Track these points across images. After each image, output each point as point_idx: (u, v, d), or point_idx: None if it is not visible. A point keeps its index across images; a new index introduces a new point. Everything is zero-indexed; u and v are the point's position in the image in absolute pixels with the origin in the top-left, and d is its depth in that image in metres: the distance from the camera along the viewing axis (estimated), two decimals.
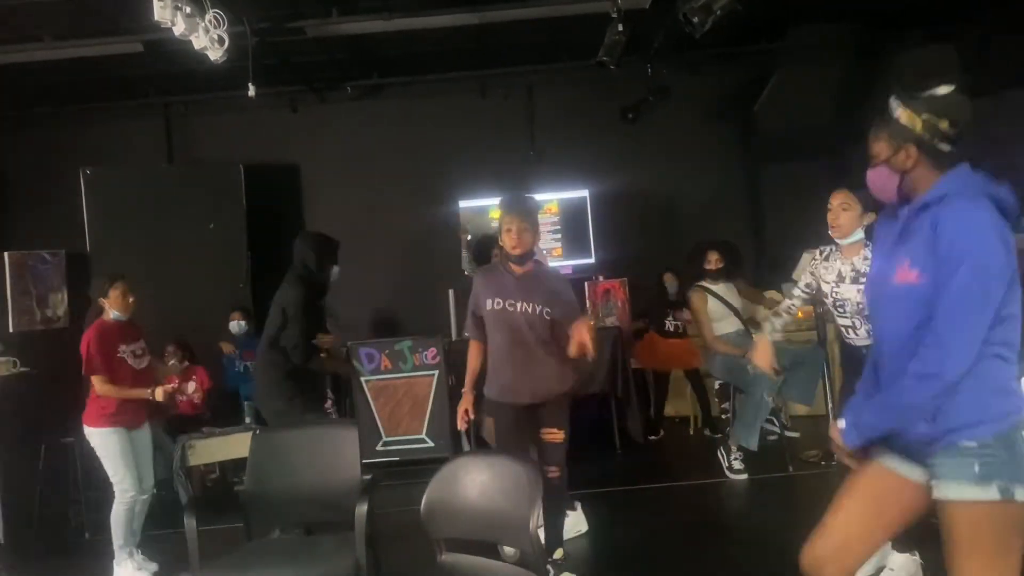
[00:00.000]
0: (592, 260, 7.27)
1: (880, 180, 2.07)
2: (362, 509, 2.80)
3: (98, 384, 4.22)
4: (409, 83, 7.49)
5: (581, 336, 3.20)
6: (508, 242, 3.47)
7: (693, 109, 7.44)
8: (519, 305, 3.47)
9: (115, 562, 4.28)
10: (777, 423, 5.80)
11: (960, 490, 1.90)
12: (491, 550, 2.65)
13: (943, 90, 1.95)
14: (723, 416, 6.24)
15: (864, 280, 3.33)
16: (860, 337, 3.46)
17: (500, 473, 2.57)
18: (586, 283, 7.08)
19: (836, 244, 3.58)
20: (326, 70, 7.11)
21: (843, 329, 3.54)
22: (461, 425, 3.59)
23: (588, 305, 6.87)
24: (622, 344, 6.20)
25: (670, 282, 6.66)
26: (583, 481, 5.20)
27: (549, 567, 3.47)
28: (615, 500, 5.12)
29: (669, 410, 7.03)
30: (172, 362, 6.04)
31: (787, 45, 6.82)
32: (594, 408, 6.27)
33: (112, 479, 4.26)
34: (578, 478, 5.10)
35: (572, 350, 3.25)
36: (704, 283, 5.52)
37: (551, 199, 7.34)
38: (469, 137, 7.44)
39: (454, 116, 7.56)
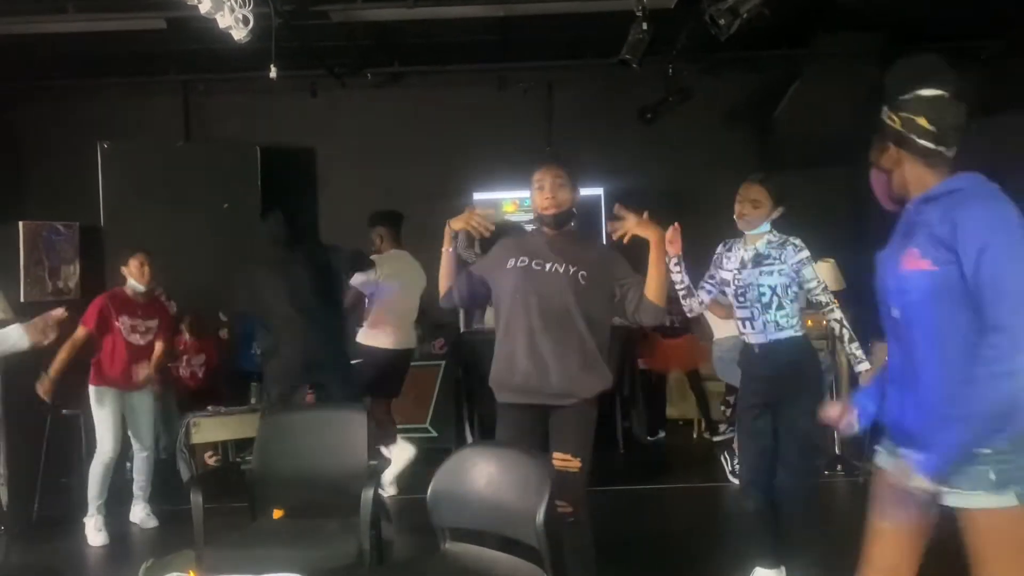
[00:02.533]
0: None
1: (874, 184, 2.11)
2: (368, 494, 2.81)
3: (78, 331, 4.47)
4: (429, 72, 7.48)
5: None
6: (540, 201, 2.95)
7: (712, 112, 7.41)
8: (548, 265, 2.89)
9: (87, 516, 4.60)
10: None
11: (977, 499, 1.88)
12: (496, 541, 2.65)
13: (927, 92, 1.96)
14: (722, 421, 6.26)
15: (768, 263, 3.29)
16: (755, 331, 3.33)
17: (508, 465, 2.57)
18: None
19: (741, 237, 3.47)
20: (347, 56, 7.10)
21: (739, 323, 3.40)
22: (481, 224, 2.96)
23: None
24: (631, 344, 6.20)
25: None
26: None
27: None
28: (616, 499, 5.13)
29: (673, 412, 7.04)
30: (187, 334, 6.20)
31: (810, 52, 6.79)
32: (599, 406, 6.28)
33: (97, 435, 4.58)
34: None
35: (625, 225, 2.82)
36: None
37: None
38: (486, 130, 7.42)
39: (472, 108, 7.54)
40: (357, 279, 5.07)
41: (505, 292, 2.93)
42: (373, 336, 5.13)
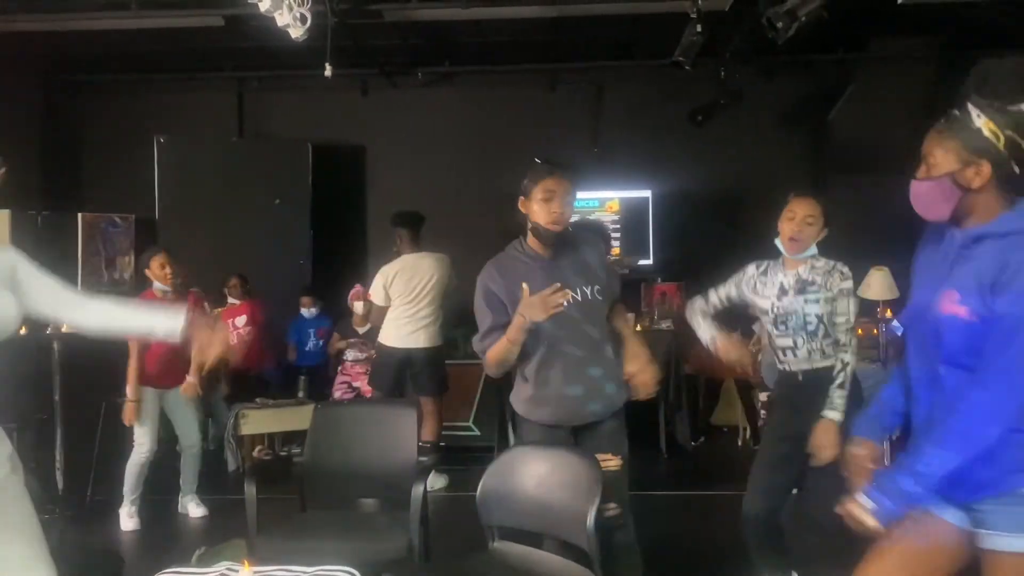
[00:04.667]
0: (650, 262, 7.22)
1: (933, 195, 1.83)
2: (418, 490, 2.83)
3: (130, 344, 4.59)
4: (479, 72, 7.51)
5: (639, 369, 2.81)
6: (545, 214, 2.74)
7: (764, 115, 7.33)
8: (567, 298, 2.74)
9: (121, 506, 4.73)
10: None
11: (1013, 542, 1.77)
12: (544, 542, 2.66)
13: None
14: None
15: (813, 290, 3.03)
16: (799, 359, 3.11)
17: (559, 466, 2.58)
18: (642, 285, 7.04)
19: (778, 258, 3.19)
20: (398, 55, 7.16)
21: (779, 352, 3.16)
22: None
23: (644, 307, 6.83)
24: (676, 349, 6.15)
25: None
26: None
27: None
28: (658, 504, 5.09)
29: (718, 419, 6.97)
30: (231, 297, 6.34)
31: (867, 56, 6.69)
32: (642, 411, 6.25)
33: (135, 434, 4.65)
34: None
35: (629, 375, 2.84)
36: None
37: (613, 197, 7.32)
38: (535, 130, 7.42)
39: (521, 108, 7.56)
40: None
41: (530, 341, 2.79)
42: (382, 334, 5.37)
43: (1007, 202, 1.80)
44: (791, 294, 3.09)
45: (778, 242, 3.11)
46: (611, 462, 2.80)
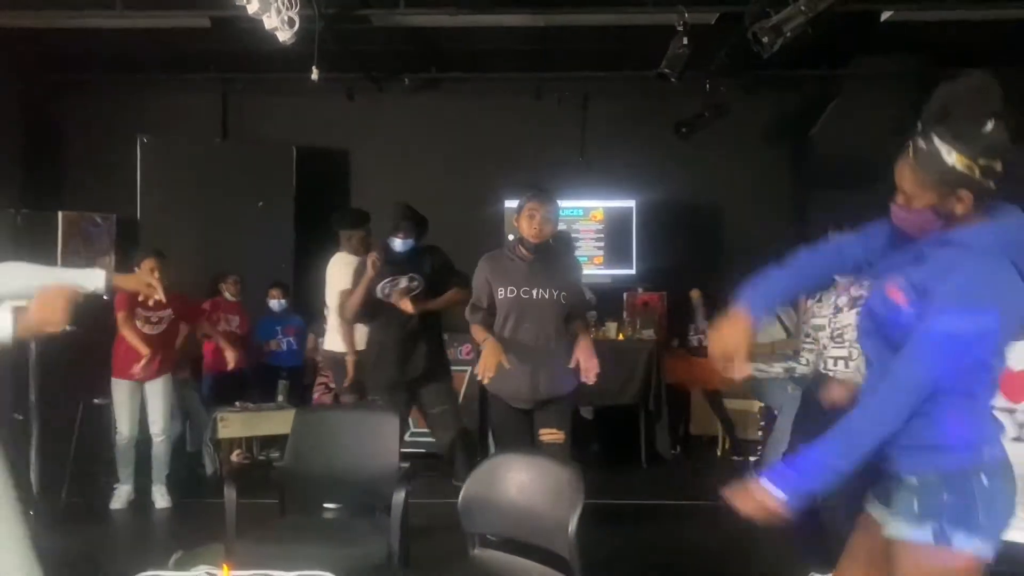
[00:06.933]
0: (633, 271, 7.26)
1: (917, 222, 1.85)
2: (399, 496, 2.82)
3: (119, 318, 4.81)
4: (466, 80, 7.52)
5: (584, 359, 3.28)
6: (528, 229, 3.39)
7: (748, 129, 7.39)
8: (535, 292, 3.41)
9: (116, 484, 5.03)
10: None
11: (898, 528, 1.81)
12: (526, 549, 2.66)
13: (991, 125, 1.74)
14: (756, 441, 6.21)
15: (862, 303, 3.21)
16: (849, 370, 3.34)
17: (541, 474, 2.58)
18: (625, 294, 7.07)
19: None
20: (385, 60, 7.16)
21: (830, 360, 3.41)
22: (487, 377, 3.25)
23: (626, 316, 6.85)
24: (657, 358, 6.17)
25: (696, 299, 6.66)
26: (605, 492, 5.20)
27: None
28: (637, 514, 5.11)
29: (696, 429, 6.99)
30: (228, 293, 6.37)
31: (849, 72, 6.77)
32: (623, 420, 6.27)
33: (116, 421, 4.94)
34: (601, 489, 5.10)
35: (573, 364, 3.33)
36: None
37: (597, 207, 7.35)
38: (520, 138, 7.46)
39: (507, 116, 7.58)
40: None
41: (500, 317, 3.46)
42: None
43: (986, 214, 1.81)
44: (845, 311, 3.40)
45: None
46: (556, 435, 3.39)
